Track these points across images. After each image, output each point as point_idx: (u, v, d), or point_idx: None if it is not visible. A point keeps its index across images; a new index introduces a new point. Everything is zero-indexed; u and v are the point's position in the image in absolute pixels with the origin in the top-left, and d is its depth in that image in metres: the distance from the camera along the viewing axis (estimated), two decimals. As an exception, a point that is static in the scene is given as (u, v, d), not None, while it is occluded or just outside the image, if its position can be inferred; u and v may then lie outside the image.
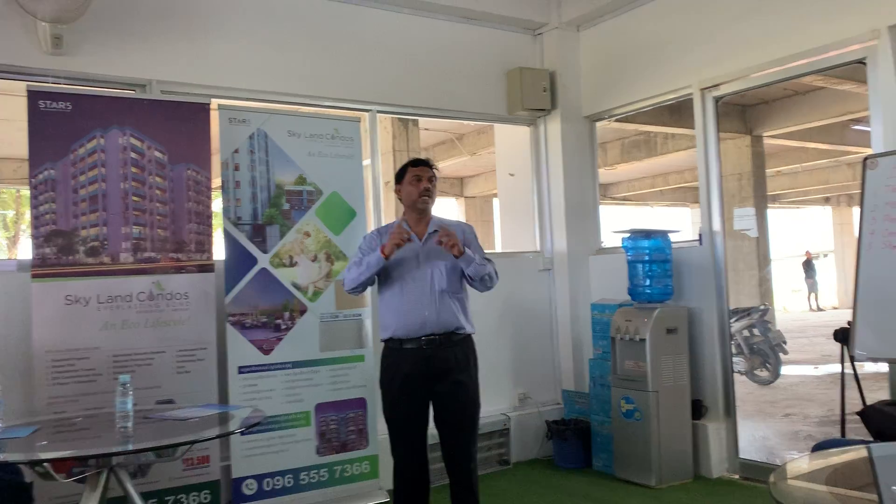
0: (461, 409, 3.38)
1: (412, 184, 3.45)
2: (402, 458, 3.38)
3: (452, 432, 3.39)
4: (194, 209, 4.00)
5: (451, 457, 3.41)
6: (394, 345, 3.38)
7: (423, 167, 3.48)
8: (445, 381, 3.33)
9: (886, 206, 3.51)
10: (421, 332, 3.31)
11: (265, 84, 4.49)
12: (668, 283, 4.69)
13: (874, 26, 3.83)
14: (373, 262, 3.33)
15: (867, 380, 5.16)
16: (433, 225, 3.46)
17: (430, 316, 3.31)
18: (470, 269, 3.36)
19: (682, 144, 11.00)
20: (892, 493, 1.88)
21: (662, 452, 4.41)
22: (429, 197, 3.44)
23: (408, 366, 3.32)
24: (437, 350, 3.31)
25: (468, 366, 3.41)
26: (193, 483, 3.87)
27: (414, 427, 3.37)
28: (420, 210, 3.46)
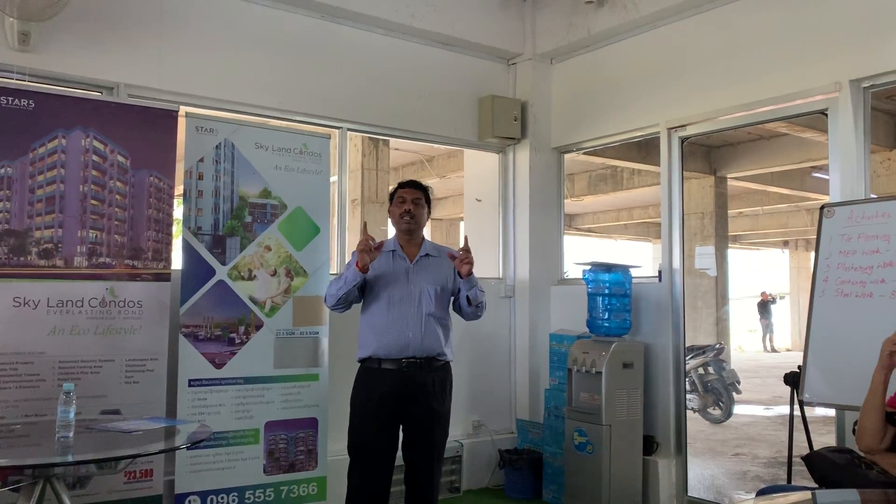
0: (431, 438, 3.37)
1: (396, 205, 3.51)
2: (365, 481, 3.31)
3: (420, 460, 3.38)
4: (154, 216, 3.93)
5: (415, 483, 3.39)
6: (372, 364, 3.35)
7: (408, 189, 3.52)
8: (420, 407, 3.32)
9: (840, 255, 3.59)
10: (402, 354, 3.30)
11: (235, 95, 4.45)
12: (626, 317, 4.72)
13: (837, 79, 3.94)
14: (350, 278, 3.33)
15: (816, 423, 5.24)
16: (425, 248, 3.50)
17: (415, 338, 3.31)
18: (471, 292, 3.40)
19: (647, 180, 11.17)
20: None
21: (612, 487, 4.41)
22: (411, 218, 3.46)
23: (385, 386, 3.30)
24: (416, 373, 3.30)
25: (444, 394, 3.41)
26: (135, 497, 3.75)
27: (384, 454, 3.32)
28: (403, 230, 3.49)
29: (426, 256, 3.48)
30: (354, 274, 3.30)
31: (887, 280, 3.38)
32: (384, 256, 3.46)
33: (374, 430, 3.29)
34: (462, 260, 3.30)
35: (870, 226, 3.52)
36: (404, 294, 3.36)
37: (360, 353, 3.42)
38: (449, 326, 3.46)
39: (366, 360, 3.38)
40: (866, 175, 3.93)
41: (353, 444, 3.36)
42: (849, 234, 3.59)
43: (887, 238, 3.43)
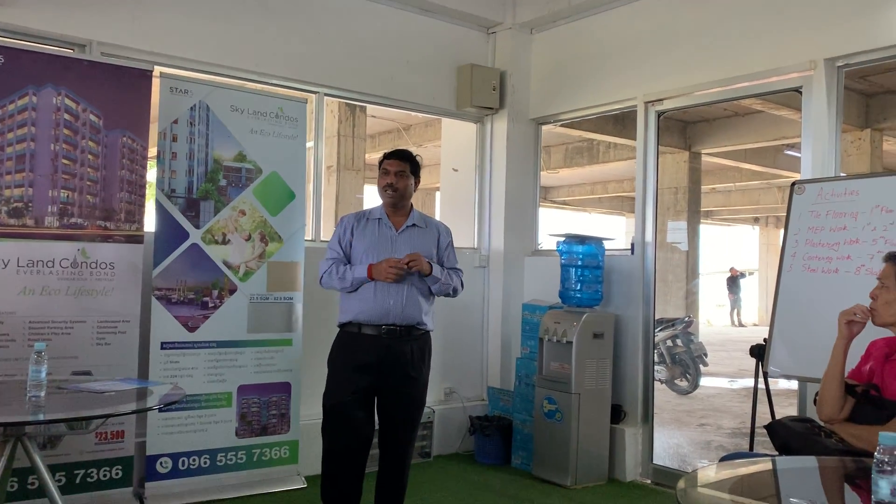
0: (407, 405, 3.40)
1: (380, 177, 3.47)
2: (338, 444, 3.32)
3: (395, 426, 3.41)
4: (127, 178, 3.88)
5: (388, 448, 3.43)
6: (352, 329, 3.35)
7: (393, 160, 3.46)
8: (398, 374, 3.33)
9: (809, 231, 3.66)
10: (383, 321, 3.30)
11: (211, 56, 4.38)
12: (598, 288, 4.78)
13: (812, 57, 3.98)
14: (357, 282, 3.33)
15: (780, 395, 5.37)
16: (412, 218, 3.48)
17: (395, 306, 3.31)
18: (434, 288, 3.41)
19: (623, 154, 11.22)
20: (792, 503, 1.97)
21: (580, 454, 4.50)
22: (394, 192, 3.41)
23: (364, 352, 3.31)
24: (395, 341, 3.32)
25: (423, 363, 3.43)
26: (105, 458, 3.77)
27: (357, 415, 3.33)
28: (386, 202, 3.46)
29: (412, 227, 3.47)
30: (364, 280, 3.32)
31: (853, 256, 3.45)
32: (370, 224, 3.46)
33: (351, 393, 3.31)
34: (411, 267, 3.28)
35: (838, 203, 3.59)
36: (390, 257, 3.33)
37: (340, 318, 3.42)
38: (431, 297, 3.46)
39: (346, 325, 3.39)
40: (837, 153, 3.99)
41: (329, 406, 3.36)
42: (818, 211, 3.65)
43: (854, 215, 3.50)
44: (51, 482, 2.66)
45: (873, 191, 3.49)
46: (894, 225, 3.34)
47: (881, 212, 3.40)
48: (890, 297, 2.41)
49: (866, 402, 2.43)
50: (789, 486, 2.17)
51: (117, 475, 3.79)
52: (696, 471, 2.17)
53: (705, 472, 2.26)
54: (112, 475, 3.78)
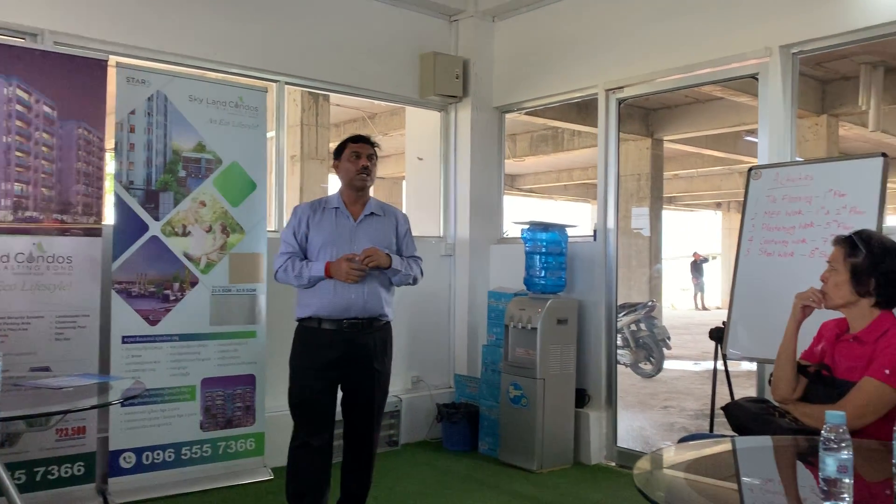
0: (371, 398, 3.34)
1: (350, 161, 3.32)
2: (310, 439, 3.26)
3: (359, 419, 3.36)
4: (84, 169, 3.82)
5: (354, 442, 3.39)
6: (312, 324, 3.26)
7: (362, 144, 3.35)
8: (361, 368, 3.27)
9: (765, 215, 3.73)
10: (344, 315, 3.21)
11: (169, 45, 4.31)
12: (562, 275, 4.83)
13: (768, 44, 4.04)
14: (314, 280, 3.22)
15: (740, 377, 5.48)
16: (370, 206, 3.38)
17: (357, 299, 3.22)
18: (395, 279, 3.34)
19: (587, 142, 11.31)
20: (748, 482, 2.03)
21: (545, 438, 4.56)
22: (367, 175, 3.32)
23: (326, 347, 3.23)
24: (357, 335, 3.24)
25: (385, 354, 3.36)
26: (67, 454, 3.72)
27: (325, 411, 3.28)
28: (357, 188, 3.34)
29: (371, 216, 3.36)
30: (321, 279, 3.20)
31: (808, 240, 3.54)
32: (327, 214, 3.34)
33: (315, 390, 3.24)
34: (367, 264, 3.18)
35: (793, 188, 3.66)
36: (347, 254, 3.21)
37: (299, 313, 3.32)
38: (392, 287, 3.39)
39: (306, 320, 3.29)
40: (793, 138, 4.07)
41: (296, 404, 3.29)
42: (774, 196, 3.73)
43: (809, 200, 3.58)
44: (8, 480, 2.61)
45: (826, 175, 3.57)
46: (846, 208, 3.42)
47: (834, 196, 3.48)
48: (839, 280, 2.47)
49: (818, 381, 2.49)
50: (747, 466, 2.22)
51: (79, 472, 3.74)
52: (652, 452, 2.21)
53: (662, 453, 2.30)
54: (74, 472, 3.73)
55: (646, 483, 1.84)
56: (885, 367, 2.30)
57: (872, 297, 2.43)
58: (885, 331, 2.39)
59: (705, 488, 1.94)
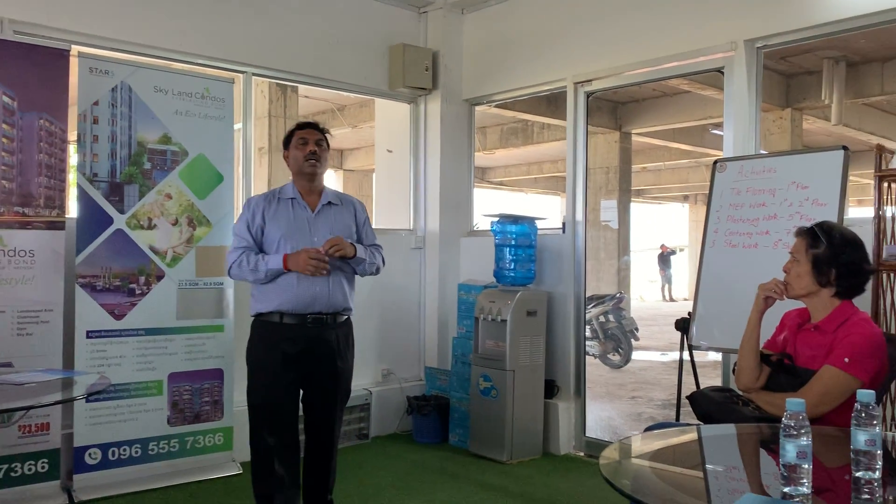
0: (334, 397, 3.24)
1: (298, 147, 3.20)
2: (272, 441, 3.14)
3: (322, 417, 3.24)
4: (46, 162, 3.74)
5: (316, 439, 3.27)
6: (272, 318, 3.12)
7: (310, 130, 3.24)
8: (325, 366, 3.16)
9: (730, 207, 3.79)
10: (308, 310, 3.10)
11: (133, 35, 4.23)
12: (531, 267, 4.86)
13: (733, 38, 4.09)
14: (272, 273, 3.08)
15: (707, 367, 5.56)
16: (327, 196, 3.26)
17: (321, 293, 3.10)
18: (359, 269, 3.24)
19: (557, 135, 11.36)
20: (712, 470, 2.06)
21: (515, 429, 4.59)
22: (316, 161, 3.18)
23: (288, 344, 3.09)
24: (321, 330, 3.13)
25: (347, 351, 3.26)
26: (30, 451, 3.66)
27: (288, 409, 3.17)
28: (308, 176, 3.20)
29: (328, 205, 3.24)
30: (279, 272, 3.07)
31: (771, 231, 3.60)
32: (282, 205, 3.20)
33: (278, 388, 3.12)
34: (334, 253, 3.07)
35: (757, 180, 3.72)
36: (308, 247, 3.09)
37: (257, 307, 3.16)
38: (353, 279, 3.29)
39: (265, 315, 3.14)
40: (757, 131, 4.13)
41: (257, 404, 3.18)
42: (738, 188, 3.78)
43: (772, 192, 3.64)
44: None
45: (789, 168, 3.63)
46: (809, 200, 3.49)
47: (797, 188, 3.55)
48: (801, 270, 2.51)
49: (780, 370, 2.54)
50: (709, 454, 2.26)
51: (43, 468, 3.69)
52: (619, 442, 2.24)
53: (629, 442, 2.33)
54: (38, 469, 3.67)
55: (612, 472, 1.86)
56: (845, 356, 2.36)
57: (833, 287, 2.48)
58: (845, 320, 2.45)
59: (671, 476, 1.97)
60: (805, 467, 1.57)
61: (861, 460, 1.60)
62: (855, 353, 2.35)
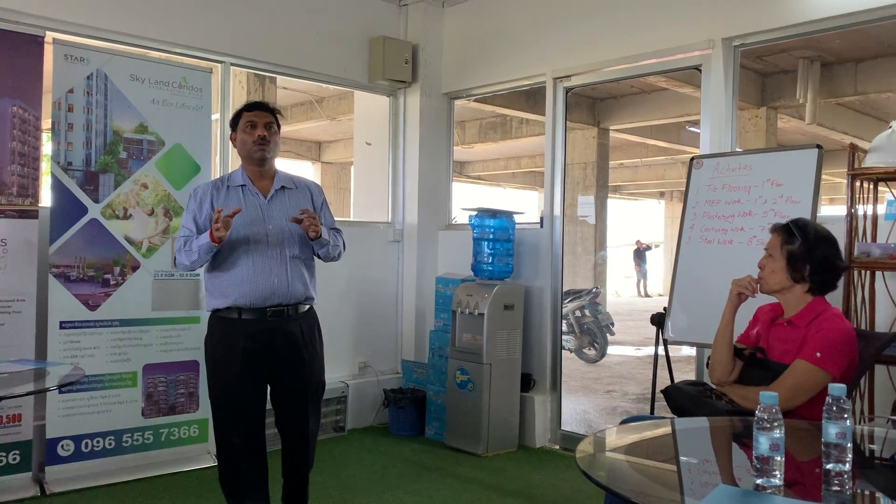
0: (306, 389, 3.05)
1: (246, 131, 2.98)
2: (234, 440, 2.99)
3: (295, 411, 3.08)
4: (18, 149, 3.69)
5: (292, 434, 3.11)
6: (230, 314, 2.93)
7: (259, 111, 3.00)
8: (290, 360, 2.99)
9: (706, 204, 3.83)
10: (268, 302, 2.90)
11: (109, 22, 4.17)
12: (508, 261, 4.87)
13: (710, 36, 4.13)
14: (204, 250, 2.86)
15: (681, 362, 5.62)
16: (280, 180, 3.05)
17: (280, 284, 2.92)
18: (322, 252, 3.04)
19: (535, 130, 11.39)
20: (685, 462, 2.09)
21: (491, 422, 4.61)
22: (265, 146, 2.97)
23: (248, 340, 2.90)
24: (283, 323, 2.95)
25: (314, 341, 3.08)
26: (1, 443, 3.62)
27: (252, 408, 2.99)
28: (257, 161, 2.99)
29: (282, 190, 3.03)
30: (209, 246, 2.83)
31: (746, 228, 3.64)
32: (232, 192, 2.98)
33: (239, 387, 2.94)
34: (308, 226, 2.89)
35: (733, 177, 3.76)
36: (262, 235, 2.92)
37: (213, 303, 2.97)
38: (313, 266, 3.10)
39: (222, 311, 2.94)
40: (733, 129, 4.17)
41: (218, 402, 2.99)
42: (714, 185, 3.82)
43: (747, 189, 3.68)
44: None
45: (764, 165, 3.67)
46: (783, 198, 3.53)
47: (771, 185, 3.59)
48: (775, 266, 2.55)
49: (754, 364, 2.58)
50: (685, 446, 2.29)
51: (14, 460, 3.64)
52: (594, 435, 2.26)
53: (604, 435, 2.36)
54: (9, 461, 3.63)
55: (588, 465, 1.88)
56: (817, 350, 2.40)
57: (807, 283, 2.53)
58: (817, 315, 2.49)
59: (645, 469, 2.00)
60: (777, 459, 1.60)
61: (832, 453, 1.63)
62: (827, 347, 2.39)
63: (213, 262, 2.96)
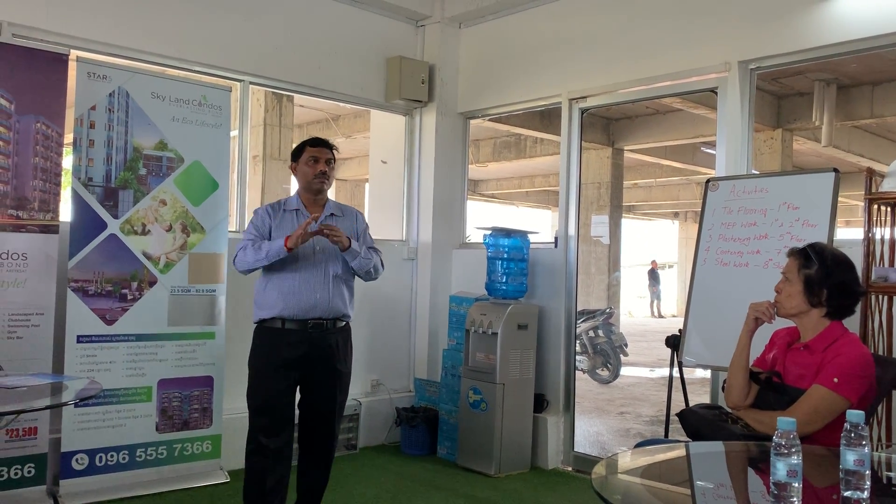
0: (333, 399, 3.35)
1: (308, 164, 3.34)
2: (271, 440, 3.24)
3: (321, 420, 3.36)
4: (41, 165, 3.74)
5: (313, 443, 3.39)
6: (274, 324, 3.25)
7: (321, 148, 3.37)
8: (324, 368, 3.29)
9: (722, 226, 3.82)
10: (309, 315, 3.23)
11: (131, 41, 4.25)
12: (523, 281, 4.88)
13: (727, 59, 4.14)
14: (273, 252, 3.18)
15: (695, 384, 5.59)
16: (329, 208, 3.41)
17: (322, 300, 3.25)
18: (354, 263, 3.33)
19: (549, 149, 11.42)
20: (701, 487, 2.08)
21: (504, 443, 4.59)
22: (325, 179, 3.36)
23: (289, 348, 3.23)
24: (322, 335, 3.26)
25: (347, 354, 3.39)
26: (17, 456, 3.63)
27: (288, 412, 3.29)
28: (315, 191, 3.38)
29: (331, 216, 3.39)
30: (280, 250, 3.17)
31: (762, 251, 3.63)
32: (288, 216, 3.36)
33: (278, 391, 3.25)
34: (330, 239, 3.21)
35: (749, 199, 3.76)
36: (310, 255, 3.27)
37: (260, 314, 3.30)
38: (353, 287, 3.44)
39: (268, 321, 3.27)
40: (749, 151, 4.18)
41: (258, 406, 3.28)
42: (730, 207, 3.82)
43: (764, 212, 3.67)
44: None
45: (781, 188, 3.67)
46: (799, 221, 3.52)
47: (788, 209, 3.58)
48: (792, 290, 2.55)
49: (770, 388, 2.57)
50: (701, 470, 2.28)
51: (30, 473, 3.66)
52: (609, 457, 2.25)
53: (619, 458, 2.35)
54: (24, 473, 3.64)
55: (603, 487, 1.88)
56: (834, 376, 2.38)
57: (824, 307, 2.52)
58: (834, 340, 2.48)
59: (660, 492, 1.99)
60: (795, 486, 1.59)
61: (850, 480, 1.62)
62: (844, 373, 2.38)
63: (266, 276, 3.31)
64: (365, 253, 3.36)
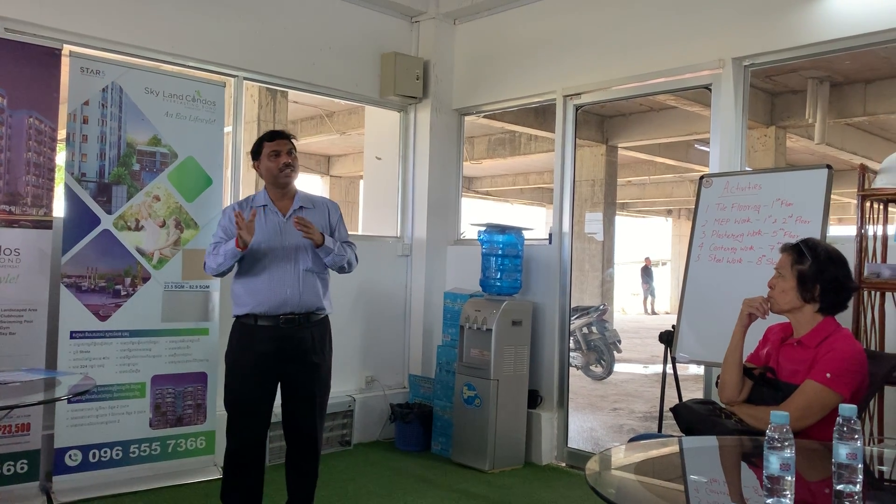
0: (312, 392, 3.29)
1: (271, 159, 3.26)
2: (242, 440, 3.23)
3: (301, 415, 3.30)
4: (34, 160, 3.73)
5: (297, 439, 3.33)
6: (248, 321, 3.22)
7: (280, 140, 3.29)
8: (299, 363, 3.23)
9: (715, 223, 3.83)
10: (280, 311, 3.18)
11: (125, 36, 4.23)
12: (517, 277, 4.88)
13: (721, 56, 4.15)
14: (229, 254, 3.15)
15: (689, 380, 5.61)
16: (299, 200, 3.32)
17: (293, 295, 3.19)
18: (328, 259, 3.27)
19: (544, 147, 11.43)
20: (694, 481, 2.08)
21: (497, 439, 4.60)
22: (291, 170, 3.28)
23: (262, 344, 3.18)
24: (294, 330, 3.21)
25: (323, 347, 3.32)
26: (9, 452, 3.62)
27: (260, 409, 3.24)
28: (282, 185, 3.30)
29: (300, 209, 3.29)
30: (234, 252, 3.13)
31: (755, 247, 3.64)
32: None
33: (251, 387, 3.21)
34: (303, 233, 3.15)
35: (742, 196, 3.77)
36: (279, 251, 3.21)
37: (235, 310, 3.28)
38: (327, 279, 3.35)
39: (242, 318, 3.25)
40: (743, 148, 4.19)
41: (231, 402, 3.26)
42: (724, 204, 3.83)
43: (757, 208, 3.69)
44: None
45: (774, 185, 3.68)
46: (793, 217, 3.54)
47: (781, 205, 3.60)
48: (785, 286, 2.55)
49: (763, 384, 2.58)
50: (693, 465, 2.28)
51: (22, 469, 3.65)
52: (602, 452, 2.26)
53: (613, 453, 2.35)
54: (17, 469, 3.64)
55: (597, 482, 1.88)
56: (827, 371, 2.39)
57: (817, 303, 2.53)
58: (827, 336, 2.49)
59: (654, 487, 1.99)
60: (788, 479, 1.60)
61: (842, 473, 1.63)
62: (837, 368, 2.39)
63: (238, 273, 3.27)
64: (338, 249, 3.29)
